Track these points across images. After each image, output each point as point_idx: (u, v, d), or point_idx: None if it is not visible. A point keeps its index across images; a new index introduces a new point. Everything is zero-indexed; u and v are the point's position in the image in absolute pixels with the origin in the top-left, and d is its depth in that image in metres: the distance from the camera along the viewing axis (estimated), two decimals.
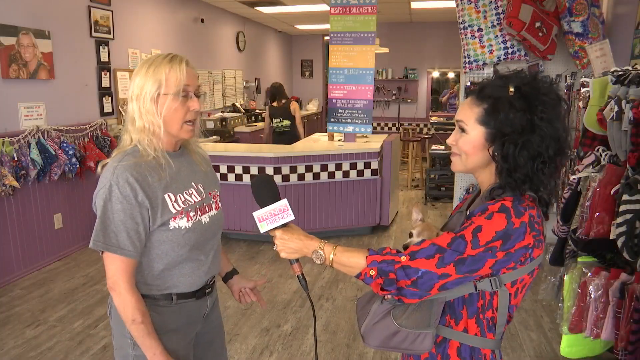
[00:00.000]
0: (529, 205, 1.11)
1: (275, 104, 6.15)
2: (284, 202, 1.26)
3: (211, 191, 1.50)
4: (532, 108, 1.10)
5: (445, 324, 1.19)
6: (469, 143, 1.18)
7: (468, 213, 1.18)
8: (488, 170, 1.20)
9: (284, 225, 1.26)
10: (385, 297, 1.19)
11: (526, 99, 1.10)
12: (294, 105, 6.12)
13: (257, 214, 1.25)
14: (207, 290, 1.49)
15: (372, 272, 1.13)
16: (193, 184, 1.44)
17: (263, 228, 1.25)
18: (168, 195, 1.34)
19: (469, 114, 1.17)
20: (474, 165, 1.20)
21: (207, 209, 1.45)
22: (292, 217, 1.26)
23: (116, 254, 1.28)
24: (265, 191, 1.29)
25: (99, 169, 1.34)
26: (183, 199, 1.38)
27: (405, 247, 1.22)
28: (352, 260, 1.17)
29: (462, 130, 1.19)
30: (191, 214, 1.38)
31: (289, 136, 6.01)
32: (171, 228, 1.34)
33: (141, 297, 1.33)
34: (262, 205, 1.26)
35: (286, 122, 6.08)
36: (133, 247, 1.29)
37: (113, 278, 1.30)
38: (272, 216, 1.25)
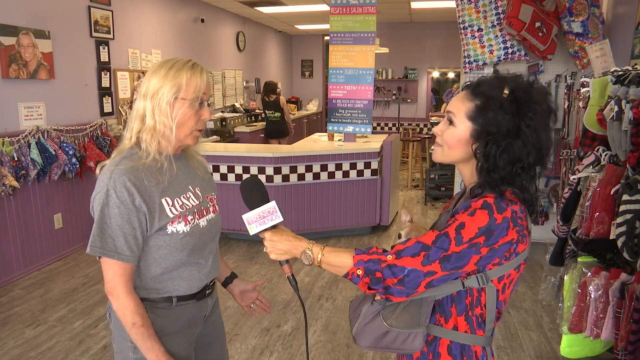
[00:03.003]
0: (512, 201, 1.13)
1: (267, 98, 7.34)
2: (272, 204, 1.27)
3: (209, 195, 1.49)
4: (521, 113, 1.11)
5: (435, 323, 1.20)
6: (454, 136, 1.19)
7: (453, 211, 1.20)
8: (470, 165, 1.21)
9: (274, 227, 1.27)
10: (375, 297, 1.21)
11: (518, 104, 1.12)
12: (282, 100, 7.35)
13: (246, 217, 1.26)
14: (207, 292, 1.49)
15: (359, 272, 1.14)
16: (190, 187, 1.43)
17: (252, 230, 1.26)
18: (165, 199, 1.33)
19: (460, 107, 1.19)
20: (455, 158, 1.22)
21: (205, 213, 1.45)
22: (281, 219, 1.27)
23: (113, 259, 1.27)
24: (253, 193, 1.29)
25: (97, 169, 1.34)
26: (180, 203, 1.37)
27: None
28: (339, 260, 1.19)
29: (451, 122, 1.20)
30: (189, 217, 1.37)
31: (280, 125, 7.42)
32: (169, 232, 1.33)
33: (140, 301, 1.32)
34: (251, 207, 1.27)
35: (277, 114, 7.35)
36: (130, 252, 1.28)
37: (111, 283, 1.29)
38: (261, 218, 1.26)
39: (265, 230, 1.27)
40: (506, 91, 1.13)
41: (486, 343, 1.20)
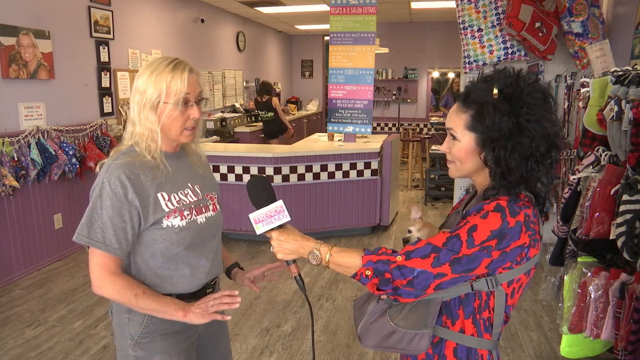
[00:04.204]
0: (525, 204, 1.11)
1: (259, 98, 7.32)
2: (279, 203, 1.25)
3: (208, 193, 1.50)
4: (516, 110, 1.09)
5: (441, 325, 1.19)
6: (461, 150, 1.18)
7: (464, 212, 1.18)
8: (484, 173, 1.20)
9: (281, 226, 1.26)
10: (381, 296, 1.19)
11: (510, 102, 1.10)
12: (274, 101, 7.28)
13: (253, 216, 1.25)
14: (207, 291, 1.48)
15: (368, 272, 1.13)
16: (189, 184, 1.44)
17: (259, 230, 1.25)
18: (161, 194, 1.35)
19: (457, 121, 1.17)
20: (470, 170, 1.21)
21: (204, 210, 1.45)
22: (288, 218, 1.25)
23: (100, 250, 1.28)
24: (260, 192, 1.28)
25: (97, 168, 1.36)
26: (177, 199, 1.38)
27: (405, 241, 1.21)
28: (348, 260, 1.17)
29: (453, 137, 1.19)
30: (185, 213, 1.38)
31: (274, 125, 7.38)
32: (164, 226, 1.34)
33: (129, 276, 1.34)
34: (258, 206, 1.26)
35: (270, 114, 7.29)
36: (118, 245, 1.29)
37: (95, 272, 1.30)
38: (268, 217, 1.24)
39: (272, 229, 1.25)
40: (495, 91, 1.11)
41: (493, 347, 1.19)
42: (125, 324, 1.38)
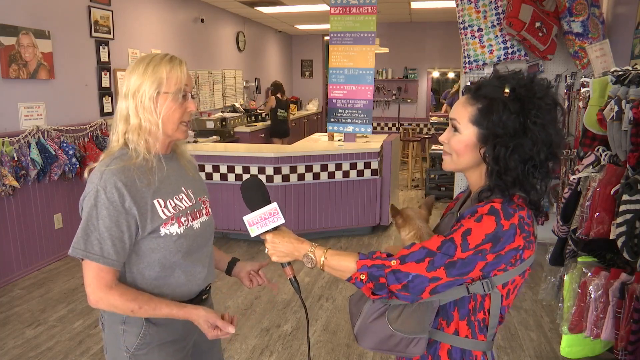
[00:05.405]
0: (519, 206, 1.11)
1: (280, 97, 7.67)
2: (274, 206, 1.24)
3: (200, 197, 1.46)
4: (525, 111, 1.09)
5: (436, 327, 1.19)
6: (461, 142, 1.17)
7: (458, 215, 1.17)
8: (479, 171, 1.19)
9: (275, 229, 1.25)
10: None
11: (521, 102, 1.10)
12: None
13: (247, 218, 1.24)
14: (203, 297, 1.47)
15: (363, 277, 1.12)
16: (183, 189, 1.40)
17: (253, 232, 1.24)
18: (157, 200, 1.30)
19: (462, 112, 1.17)
20: (465, 165, 1.20)
21: (198, 215, 1.42)
22: (283, 221, 1.25)
23: (98, 263, 1.23)
24: (255, 194, 1.27)
25: (86, 173, 1.29)
26: (173, 205, 1.34)
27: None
28: (342, 264, 1.17)
29: (455, 129, 1.18)
30: (182, 219, 1.34)
31: (286, 124, 7.81)
32: (162, 235, 1.30)
33: (124, 288, 1.28)
34: (252, 208, 1.25)
35: (286, 113, 7.74)
36: (117, 256, 1.24)
37: (91, 286, 1.24)
38: (262, 220, 1.23)
39: (267, 232, 1.25)
40: (507, 90, 1.10)
41: (487, 348, 1.19)
42: (120, 335, 1.33)
